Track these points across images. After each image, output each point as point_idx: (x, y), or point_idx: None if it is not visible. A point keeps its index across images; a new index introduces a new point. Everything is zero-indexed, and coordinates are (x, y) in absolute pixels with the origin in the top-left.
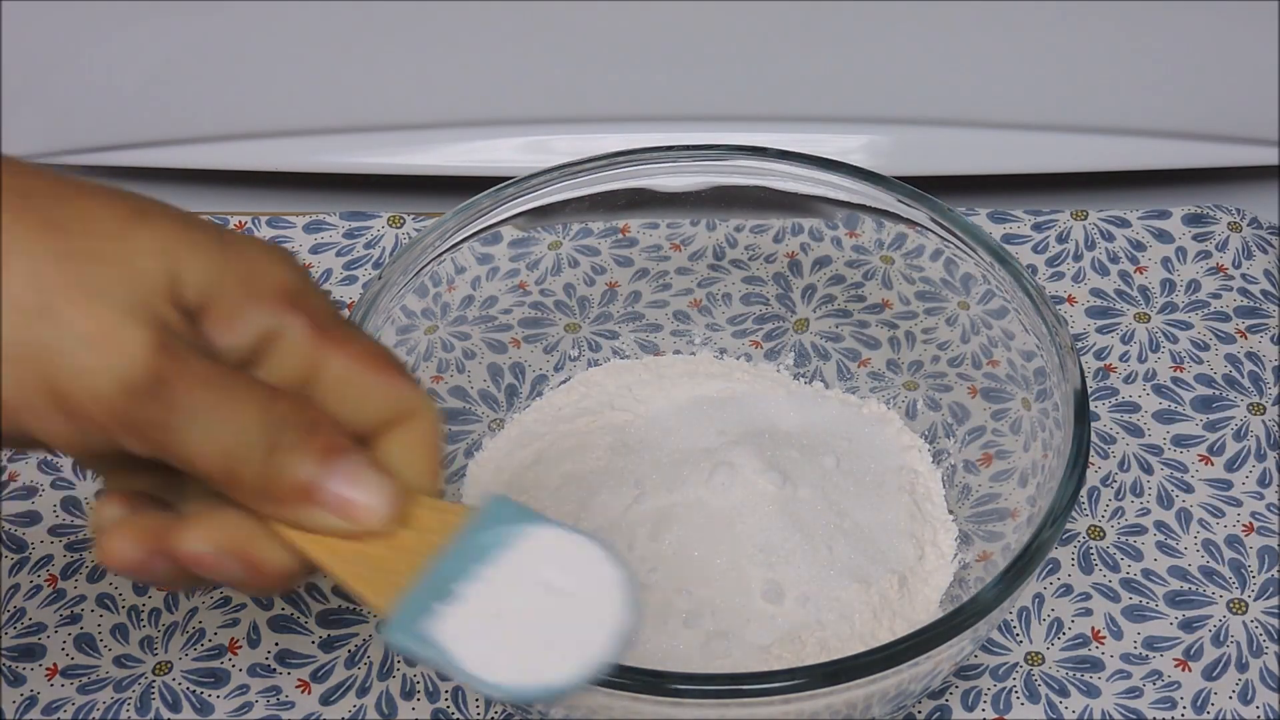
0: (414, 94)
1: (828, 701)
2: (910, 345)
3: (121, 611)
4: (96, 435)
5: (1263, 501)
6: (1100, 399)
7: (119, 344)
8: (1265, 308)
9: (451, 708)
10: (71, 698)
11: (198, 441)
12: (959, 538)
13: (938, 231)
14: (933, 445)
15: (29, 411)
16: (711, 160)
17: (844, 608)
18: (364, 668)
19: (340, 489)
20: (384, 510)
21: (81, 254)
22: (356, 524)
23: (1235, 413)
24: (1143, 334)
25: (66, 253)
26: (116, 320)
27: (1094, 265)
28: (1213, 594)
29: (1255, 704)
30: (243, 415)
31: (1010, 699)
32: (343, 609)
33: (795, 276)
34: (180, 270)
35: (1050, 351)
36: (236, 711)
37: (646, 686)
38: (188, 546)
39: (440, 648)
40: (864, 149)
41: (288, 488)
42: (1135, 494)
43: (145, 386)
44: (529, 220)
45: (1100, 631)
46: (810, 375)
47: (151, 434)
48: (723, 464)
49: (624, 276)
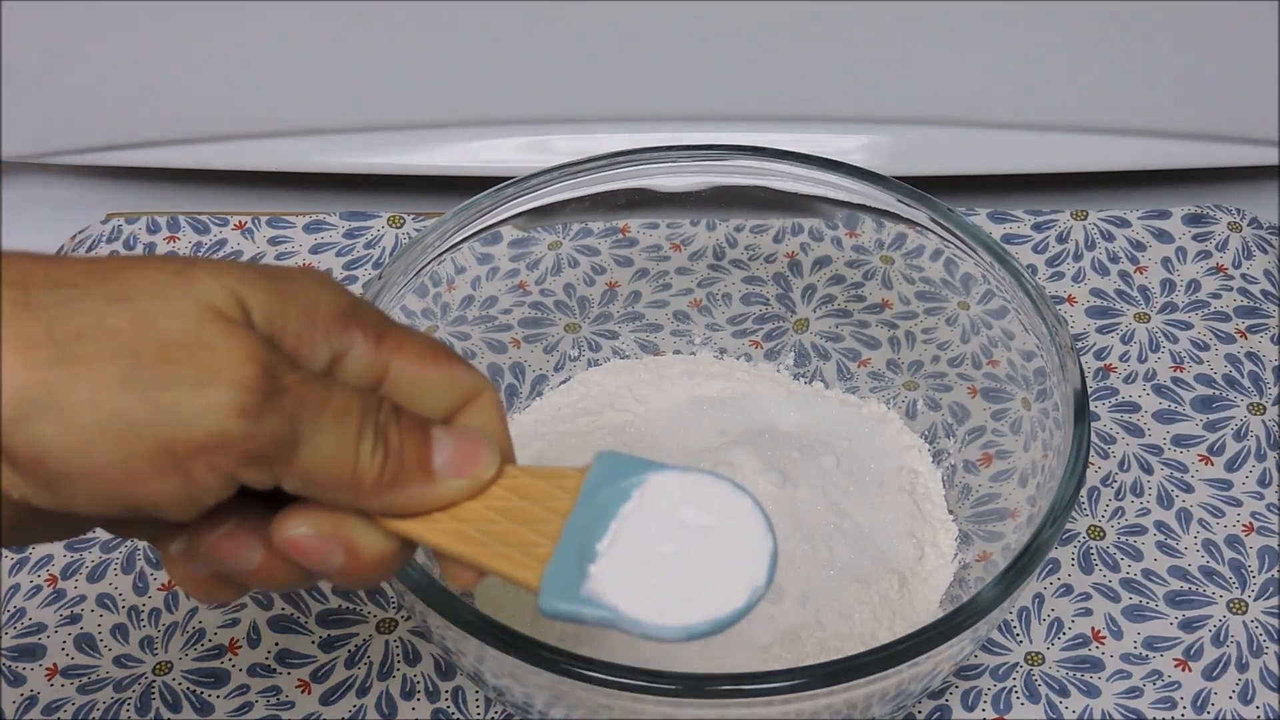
0: (414, 94)
1: (828, 701)
2: (910, 345)
3: (121, 611)
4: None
5: (1263, 501)
6: (1100, 399)
7: (226, 375)
8: (1265, 308)
9: (451, 708)
10: (71, 698)
11: (318, 448)
12: (959, 538)
13: (938, 231)
14: (933, 445)
15: (139, 483)
16: (711, 160)
17: (844, 608)
18: (364, 668)
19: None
20: (494, 454)
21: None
22: (477, 477)
23: (1235, 413)
24: (1143, 334)
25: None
26: (215, 355)
27: (1094, 265)
28: (1213, 594)
29: (1255, 704)
30: (350, 413)
31: (1010, 699)
32: (343, 609)
33: (795, 276)
34: (246, 303)
35: (1050, 351)
36: (236, 711)
37: (647, 687)
38: (289, 532)
39: (607, 606)
40: (864, 149)
41: (409, 471)
42: (1135, 494)
43: (259, 404)
44: (529, 220)
45: (1100, 631)
46: (810, 375)
47: (276, 454)
48: (723, 464)
49: (624, 276)
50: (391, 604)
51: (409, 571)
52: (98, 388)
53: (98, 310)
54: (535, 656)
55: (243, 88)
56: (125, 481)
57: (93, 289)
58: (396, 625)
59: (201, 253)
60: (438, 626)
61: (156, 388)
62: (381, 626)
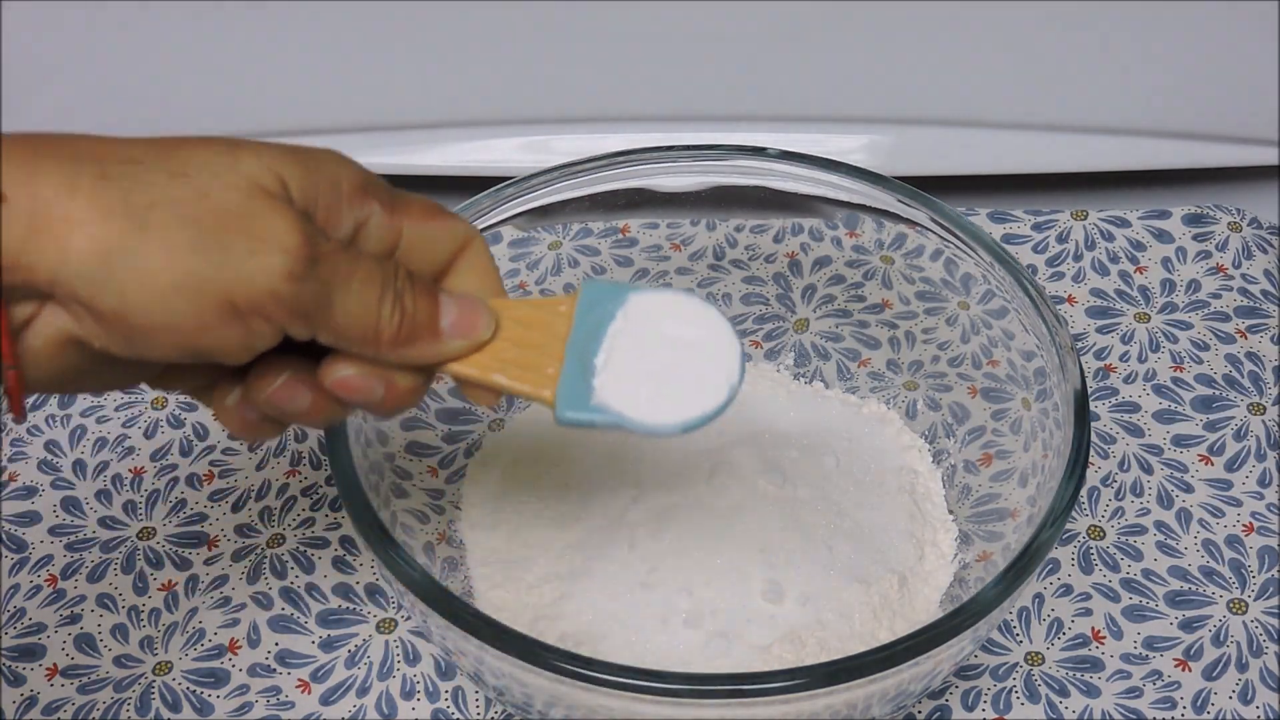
0: (414, 94)
1: (828, 701)
2: (910, 345)
3: (121, 611)
4: (266, 330)
5: (1263, 501)
6: (1100, 399)
7: (276, 244)
8: (1265, 308)
9: (451, 708)
10: (71, 698)
11: (348, 309)
12: (959, 538)
13: (938, 231)
14: (933, 445)
15: (207, 332)
16: (711, 160)
17: (844, 608)
18: (364, 668)
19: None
20: (490, 319)
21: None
22: (476, 339)
23: (1235, 413)
24: (1143, 334)
25: (199, 191)
26: (265, 226)
27: (1094, 265)
28: (1213, 594)
29: (1255, 704)
30: (373, 281)
31: (1010, 699)
32: (342, 609)
33: (795, 276)
34: (285, 179)
35: (1050, 351)
36: (236, 711)
37: (646, 687)
38: (338, 374)
39: (612, 412)
40: (864, 149)
41: (420, 330)
42: (1135, 494)
43: (304, 270)
44: (529, 220)
45: (1100, 631)
46: (810, 375)
47: (314, 312)
48: (723, 464)
49: (624, 276)
50: (391, 604)
51: (409, 571)
52: (171, 251)
53: (163, 184)
54: (535, 656)
55: (243, 88)
56: (195, 331)
57: (157, 165)
58: (396, 625)
59: None
60: (438, 626)
61: (219, 251)
62: (381, 626)
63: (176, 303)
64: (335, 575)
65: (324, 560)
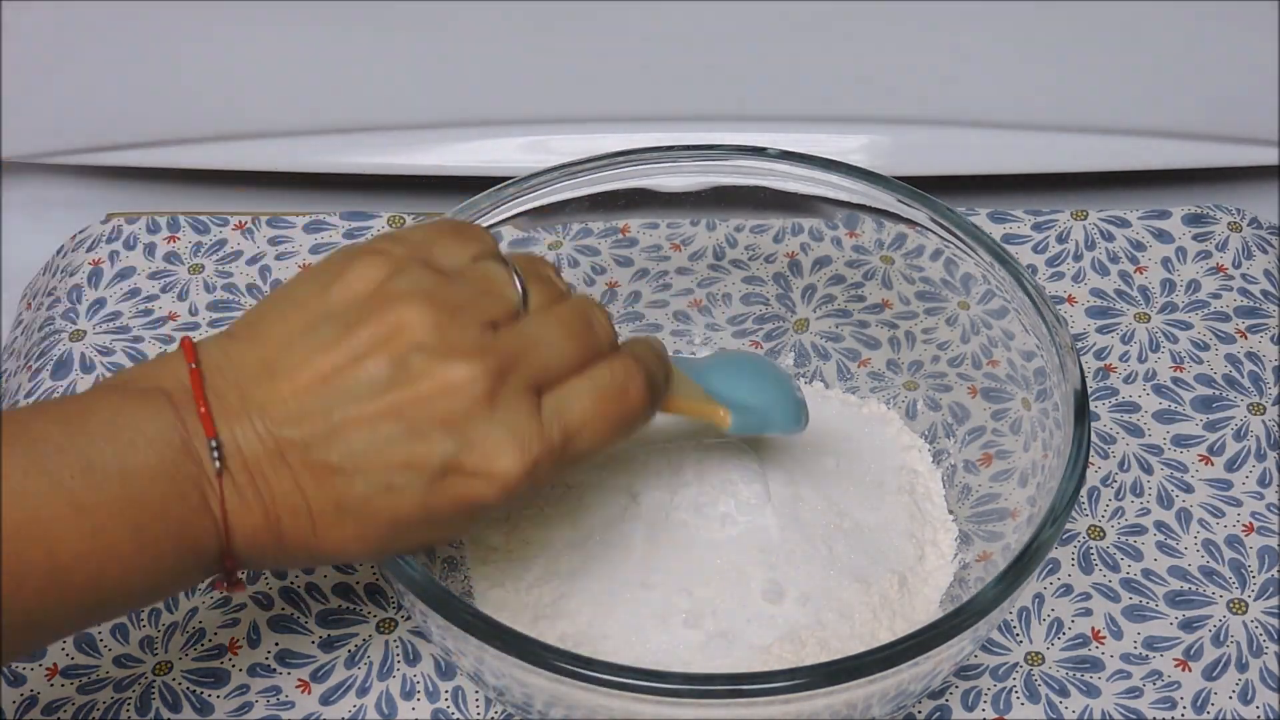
0: (414, 94)
1: (828, 701)
2: (910, 345)
3: None
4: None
5: (1263, 501)
6: (1100, 399)
7: (495, 477)
8: (1265, 308)
9: (451, 708)
10: (71, 698)
11: (583, 441)
12: (959, 538)
13: (938, 231)
14: (933, 445)
15: (453, 529)
16: (711, 160)
17: (844, 608)
18: (364, 668)
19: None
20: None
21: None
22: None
23: (1235, 413)
24: (1143, 334)
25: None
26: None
27: (1094, 265)
28: (1213, 594)
29: (1255, 704)
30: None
31: (1010, 699)
32: (343, 609)
33: (795, 276)
34: None
35: (1050, 351)
36: (236, 711)
37: (646, 686)
38: None
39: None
40: (864, 149)
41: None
42: (1135, 494)
43: (524, 484)
44: (529, 220)
45: (1100, 631)
46: (810, 375)
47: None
48: (722, 463)
49: (624, 276)
50: (391, 604)
51: (409, 572)
52: (420, 475)
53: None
54: (535, 656)
55: (243, 88)
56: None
57: None
58: (396, 625)
59: (201, 252)
60: (438, 626)
61: (459, 485)
62: (381, 626)
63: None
64: (335, 575)
65: None
